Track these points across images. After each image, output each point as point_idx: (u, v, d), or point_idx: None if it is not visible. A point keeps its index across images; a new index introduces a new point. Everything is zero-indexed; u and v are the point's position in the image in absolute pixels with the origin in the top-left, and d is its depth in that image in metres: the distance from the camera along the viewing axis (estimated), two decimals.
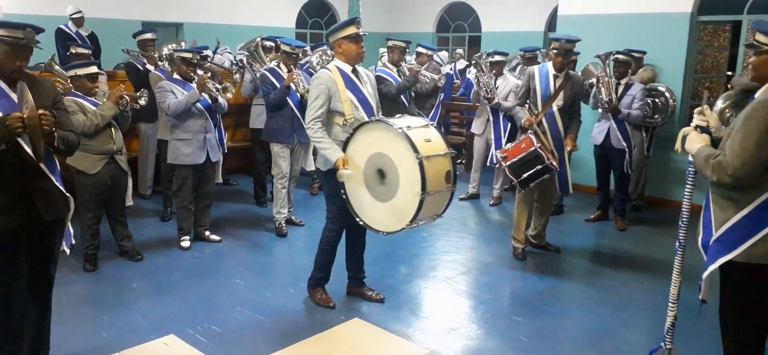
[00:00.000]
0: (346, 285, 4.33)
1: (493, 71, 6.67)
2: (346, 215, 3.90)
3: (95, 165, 4.48)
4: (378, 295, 4.24)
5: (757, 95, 2.68)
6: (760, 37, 2.66)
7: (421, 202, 3.46)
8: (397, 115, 3.86)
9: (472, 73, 7.73)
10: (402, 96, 6.31)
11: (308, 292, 4.23)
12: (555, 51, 4.90)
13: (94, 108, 4.45)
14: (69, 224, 3.17)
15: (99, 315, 3.93)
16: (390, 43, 6.52)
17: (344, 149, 3.73)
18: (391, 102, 6.08)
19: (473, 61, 6.98)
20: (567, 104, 4.95)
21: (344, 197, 3.82)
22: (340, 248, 4.18)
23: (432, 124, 3.83)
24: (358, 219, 3.81)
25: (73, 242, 3.33)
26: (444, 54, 11.61)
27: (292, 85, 5.37)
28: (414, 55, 7.38)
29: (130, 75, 6.25)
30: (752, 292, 2.78)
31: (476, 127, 6.95)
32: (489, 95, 6.38)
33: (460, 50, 12.53)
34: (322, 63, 6.68)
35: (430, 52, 7.24)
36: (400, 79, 6.30)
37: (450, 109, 9.22)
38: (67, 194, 3.02)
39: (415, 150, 3.44)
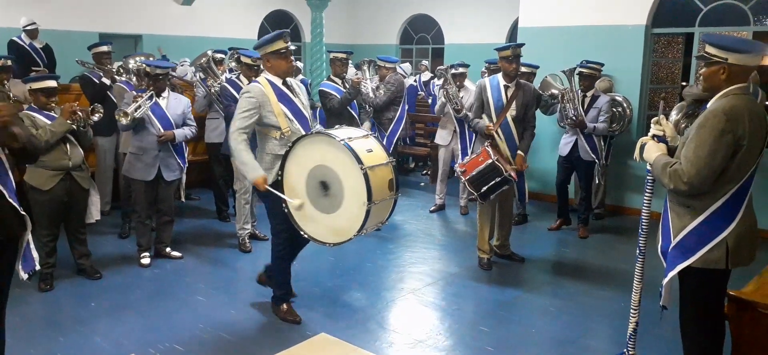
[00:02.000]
0: (307, 300, 4.28)
1: (457, 83, 6.73)
2: (289, 227, 3.83)
3: (49, 181, 4.34)
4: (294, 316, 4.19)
5: (709, 105, 2.77)
6: (709, 49, 2.75)
7: (368, 212, 3.47)
8: (337, 127, 3.87)
9: (436, 87, 7.79)
10: (350, 108, 6.27)
11: (273, 310, 4.17)
12: (507, 59, 4.89)
13: (47, 123, 4.32)
14: (31, 246, 3.03)
15: (55, 336, 3.79)
16: (331, 55, 6.45)
17: (283, 163, 3.68)
18: (336, 116, 6.05)
19: (438, 74, 7.03)
20: (520, 113, 5.01)
21: (286, 210, 3.76)
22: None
23: (372, 134, 3.85)
24: (302, 232, 3.75)
25: (37, 267, 3.15)
26: (407, 66, 11.69)
27: None
28: (372, 68, 7.31)
29: (86, 89, 6.05)
30: (710, 296, 2.86)
31: (441, 138, 6.99)
32: (457, 107, 6.43)
33: (425, 62, 12.63)
34: None
35: (390, 65, 7.23)
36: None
37: (415, 121, 9.26)
38: (23, 213, 2.90)
39: (359, 161, 3.44)
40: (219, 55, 6.54)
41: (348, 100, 6.13)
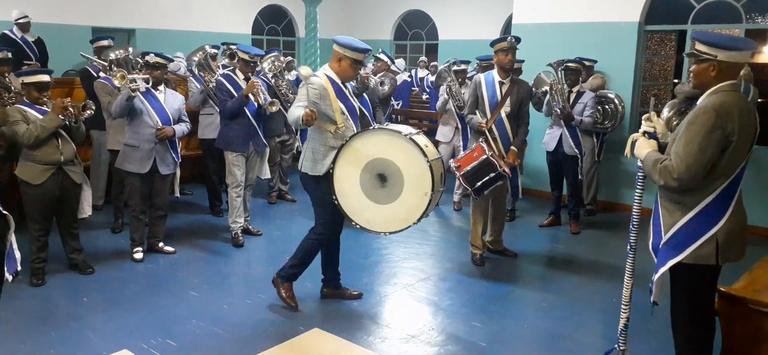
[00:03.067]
0: (300, 295, 4.28)
1: (459, 79, 6.75)
2: (334, 220, 4.00)
3: (40, 176, 4.32)
4: (355, 292, 4.37)
5: (699, 102, 2.79)
6: (699, 47, 2.77)
7: (430, 201, 3.73)
8: (387, 124, 4.01)
9: (431, 82, 7.80)
10: (362, 105, 6.21)
11: (275, 283, 4.21)
12: (503, 51, 4.92)
13: (38, 117, 4.30)
14: (14, 247, 2.99)
15: (48, 332, 3.78)
16: (335, 46, 6.36)
17: (337, 156, 3.83)
18: None
19: (440, 73, 7.04)
20: (515, 110, 5.03)
21: (336, 202, 3.89)
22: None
23: (422, 131, 4.04)
24: (353, 223, 3.90)
25: (18, 268, 3.12)
26: (401, 62, 11.68)
27: (251, 95, 5.29)
28: (371, 61, 7.34)
29: (84, 82, 6.09)
30: (701, 292, 2.88)
31: (442, 135, 6.97)
32: (461, 104, 6.44)
33: (423, 59, 12.62)
34: (273, 70, 6.61)
35: (387, 61, 7.24)
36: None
37: (408, 117, 9.27)
38: (5, 212, 2.86)
39: (424, 155, 3.69)
40: (213, 51, 6.52)
41: (357, 95, 6.01)
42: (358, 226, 3.89)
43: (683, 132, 2.71)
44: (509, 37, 4.94)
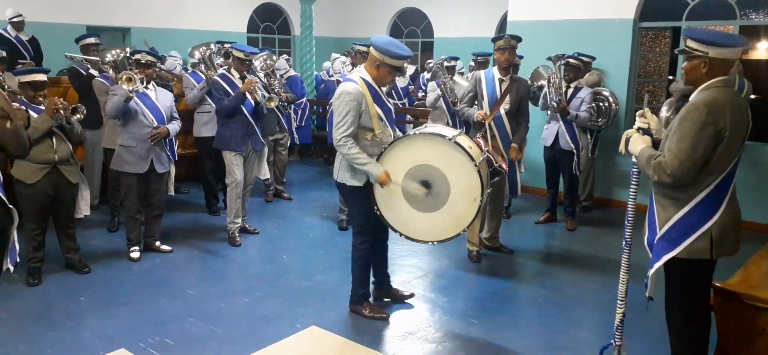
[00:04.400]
0: (297, 293, 4.28)
1: (449, 76, 6.76)
2: (374, 227, 3.88)
3: (34, 175, 4.31)
4: (406, 293, 4.34)
5: (691, 98, 2.81)
6: (690, 44, 2.79)
7: (480, 207, 3.59)
8: (428, 125, 3.90)
9: (425, 80, 7.80)
10: None
11: (352, 310, 4.11)
12: (501, 49, 4.95)
13: (33, 117, 4.29)
14: (15, 238, 3.02)
15: (44, 331, 3.77)
16: (355, 48, 6.30)
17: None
18: None
19: (435, 70, 7.04)
20: (514, 107, 5.04)
21: (378, 213, 3.78)
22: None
23: (462, 131, 3.95)
24: (398, 234, 3.80)
25: (18, 259, 3.16)
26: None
27: (247, 93, 5.28)
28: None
29: (73, 81, 6.05)
30: (695, 286, 2.90)
31: None
32: (454, 99, 6.45)
33: (430, 61, 12.58)
34: (265, 68, 6.60)
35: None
36: None
37: (401, 113, 9.26)
38: (9, 205, 2.89)
39: (472, 158, 3.54)
40: (215, 48, 6.51)
41: None
42: (402, 236, 3.79)
43: (676, 128, 2.73)
44: (505, 36, 4.96)
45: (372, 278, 4.26)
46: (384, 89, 3.91)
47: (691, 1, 6.64)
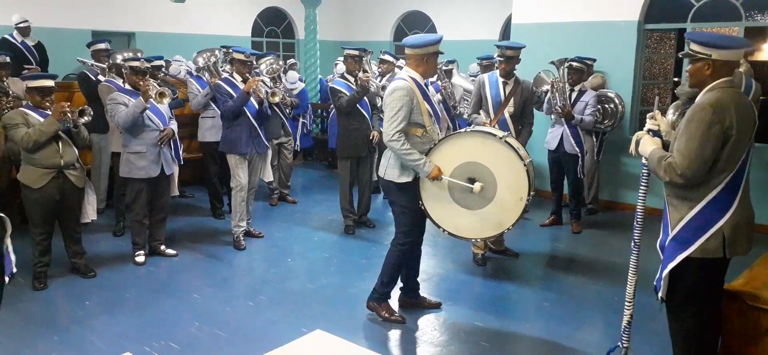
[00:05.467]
0: (302, 297, 4.28)
1: (447, 79, 6.76)
2: (419, 228, 3.90)
3: (41, 179, 4.33)
4: (434, 300, 4.31)
5: (696, 100, 2.84)
6: (694, 47, 2.83)
7: (526, 206, 3.65)
8: (474, 125, 3.95)
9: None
10: (362, 108, 5.91)
11: (369, 307, 4.10)
12: (499, 58, 5.02)
13: (39, 121, 4.31)
14: (10, 249, 2.94)
15: (50, 335, 3.78)
16: (345, 52, 6.19)
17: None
18: (345, 115, 5.81)
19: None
20: (518, 110, 5.05)
21: (422, 208, 3.80)
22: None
23: (510, 133, 4.01)
24: (441, 229, 3.83)
25: (14, 269, 3.10)
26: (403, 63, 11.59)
27: (251, 92, 5.28)
28: (377, 63, 7.32)
29: (82, 86, 6.08)
30: (709, 286, 2.89)
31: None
32: (454, 103, 6.45)
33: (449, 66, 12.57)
34: (271, 72, 6.60)
35: (391, 59, 7.23)
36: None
37: None
38: (2, 215, 2.85)
39: (521, 158, 3.61)
40: (221, 56, 6.54)
41: (356, 99, 5.81)
42: (446, 232, 3.82)
43: (683, 129, 2.77)
44: (502, 47, 4.97)
45: (400, 283, 4.24)
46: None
47: (696, 3, 6.61)
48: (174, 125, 5.14)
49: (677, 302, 2.93)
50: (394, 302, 4.27)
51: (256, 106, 5.41)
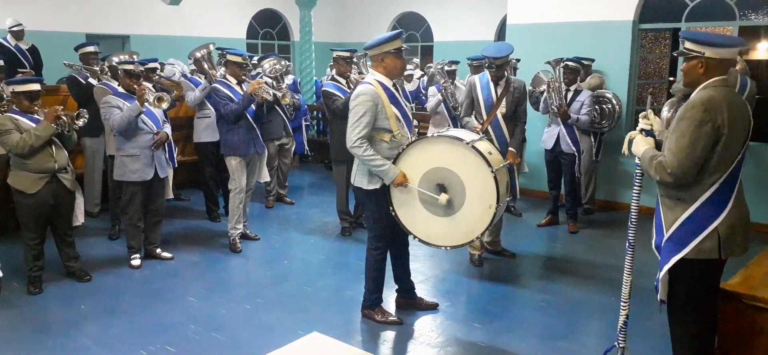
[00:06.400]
0: (298, 299, 4.27)
1: (449, 80, 6.76)
2: (390, 233, 3.85)
3: (34, 184, 4.30)
4: (431, 302, 4.27)
5: (689, 98, 2.83)
6: (687, 45, 2.83)
7: (495, 214, 3.53)
8: (448, 128, 3.90)
9: (430, 85, 7.80)
10: None
11: (364, 315, 4.10)
12: (488, 67, 4.98)
13: (31, 126, 4.28)
14: None
15: (45, 340, 3.76)
16: (334, 54, 6.12)
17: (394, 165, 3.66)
18: (340, 118, 5.66)
19: (433, 75, 7.04)
20: (511, 111, 5.01)
21: (393, 214, 3.75)
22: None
23: (485, 137, 3.92)
24: (412, 236, 3.77)
25: (0, 274, 3.08)
26: (411, 67, 11.47)
27: (254, 94, 5.26)
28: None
29: (72, 89, 6.03)
30: (704, 286, 2.89)
31: None
32: (455, 104, 6.44)
33: (416, 60, 12.56)
34: (274, 72, 6.60)
35: None
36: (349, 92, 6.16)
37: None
38: None
39: (489, 164, 3.49)
40: (216, 50, 6.50)
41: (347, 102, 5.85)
42: (417, 239, 3.77)
43: (675, 127, 2.76)
44: (489, 56, 4.88)
45: (396, 286, 4.25)
46: (399, 91, 3.90)
47: (690, 2, 6.63)
48: (168, 128, 5.12)
49: (678, 304, 2.93)
50: (390, 304, 4.27)
51: (254, 108, 5.40)
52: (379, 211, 3.81)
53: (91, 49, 6.22)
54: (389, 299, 4.33)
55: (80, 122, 4.43)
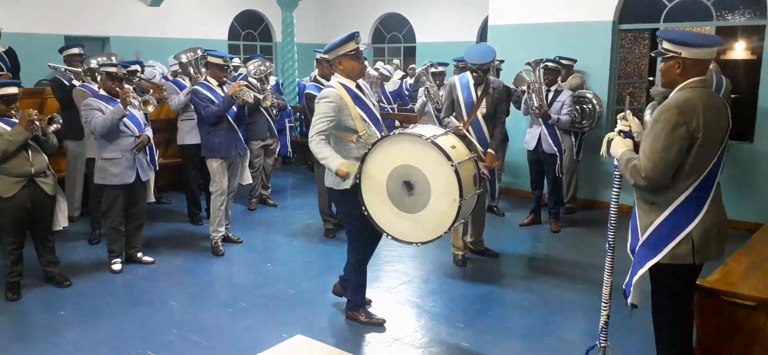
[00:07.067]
0: (282, 302, 4.24)
1: (436, 82, 6.78)
2: (370, 231, 3.85)
3: (11, 188, 4.24)
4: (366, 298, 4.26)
5: (666, 99, 2.81)
6: (665, 45, 2.78)
7: (460, 208, 3.53)
8: (413, 126, 3.91)
9: (419, 87, 7.82)
10: None
11: (349, 316, 4.10)
12: (473, 73, 4.99)
13: (6, 130, 4.22)
14: None
15: (23, 347, 3.70)
16: (317, 55, 6.10)
17: (362, 165, 3.66)
18: None
19: (418, 75, 7.07)
20: (491, 111, 5.04)
21: (366, 214, 3.75)
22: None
23: (450, 131, 3.93)
24: (385, 234, 3.77)
25: None
26: (391, 68, 11.45)
27: (235, 96, 5.24)
28: None
29: (56, 92, 5.97)
30: (681, 291, 2.87)
31: None
32: (439, 106, 6.46)
33: (396, 61, 12.62)
34: (259, 74, 6.58)
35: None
36: None
37: (384, 119, 9.28)
38: None
39: (449, 158, 3.49)
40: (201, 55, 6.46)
41: None
42: (390, 237, 3.77)
43: (649, 130, 2.71)
44: (477, 64, 4.91)
45: (342, 273, 4.28)
46: (367, 92, 3.94)
47: (668, 3, 6.72)
48: (149, 131, 5.07)
49: (656, 307, 2.92)
50: (375, 309, 4.27)
51: (235, 110, 5.37)
52: (354, 211, 3.84)
53: (75, 51, 6.16)
54: (384, 301, 4.33)
55: (53, 127, 4.36)
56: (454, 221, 3.58)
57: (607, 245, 3.14)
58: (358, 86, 3.85)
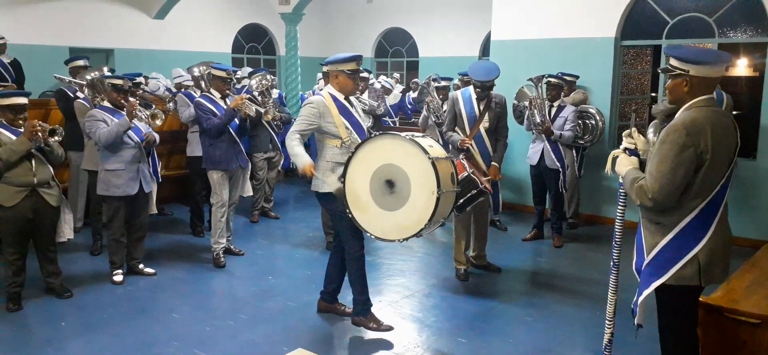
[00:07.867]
0: (283, 315, 4.23)
1: (440, 96, 6.80)
2: (359, 230, 3.93)
3: (12, 198, 4.24)
4: (348, 309, 4.30)
5: (673, 119, 2.75)
6: (672, 62, 2.72)
7: (438, 200, 3.62)
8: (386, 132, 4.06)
9: (422, 100, 7.86)
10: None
11: (356, 322, 4.14)
12: (477, 88, 5.04)
13: (11, 139, 4.23)
14: None
15: None
16: (324, 68, 6.26)
17: (345, 170, 3.79)
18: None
19: (421, 89, 7.11)
20: (493, 125, 5.07)
21: (350, 216, 3.83)
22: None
23: (427, 134, 3.98)
24: (368, 234, 3.85)
25: None
26: (392, 81, 11.49)
27: (237, 109, 5.26)
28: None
29: (60, 103, 6.01)
30: (686, 312, 2.83)
31: None
32: (440, 120, 6.49)
33: (396, 75, 12.66)
34: (260, 87, 6.61)
35: (366, 75, 7.26)
36: None
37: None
38: None
39: (425, 152, 3.62)
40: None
41: None
42: (373, 237, 3.84)
43: (656, 151, 2.66)
44: (482, 82, 4.95)
45: (322, 288, 4.36)
46: (356, 104, 4.12)
47: (670, 20, 6.75)
48: (156, 136, 5.09)
49: (662, 327, 2.88)
50: (383, 315, 4.25)
51: (238, 122, 5.39)
52: (338, 213, 3.98)
53: (81, 63, 6.23)
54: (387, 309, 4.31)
55: (55, 138, 4.36)
56: (433, 215, 3.66)
57: (611, 263, 3.12)
58: (347, 99, 4.04)
